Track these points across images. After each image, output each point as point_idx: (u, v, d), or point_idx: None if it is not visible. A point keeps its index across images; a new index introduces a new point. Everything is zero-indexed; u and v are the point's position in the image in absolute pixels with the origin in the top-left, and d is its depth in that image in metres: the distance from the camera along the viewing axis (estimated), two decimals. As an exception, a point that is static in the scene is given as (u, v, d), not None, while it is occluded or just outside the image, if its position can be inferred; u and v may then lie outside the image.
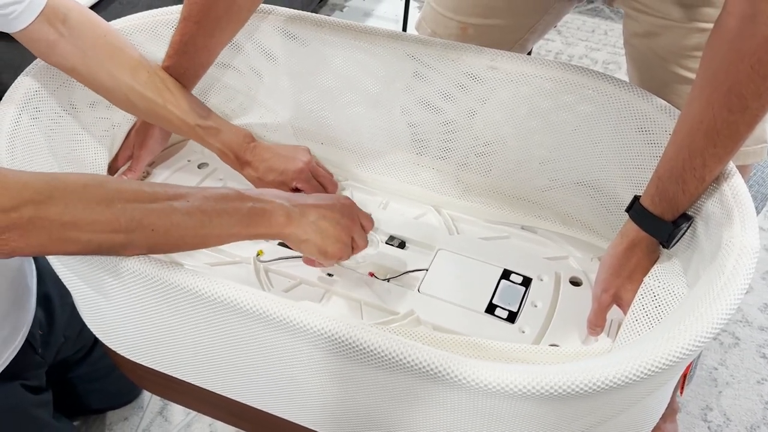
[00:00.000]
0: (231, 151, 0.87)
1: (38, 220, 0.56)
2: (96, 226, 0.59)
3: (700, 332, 0.56)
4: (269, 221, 0.70)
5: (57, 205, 0.57)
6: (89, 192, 0.59)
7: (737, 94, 0.61)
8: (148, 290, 0.66)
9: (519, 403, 0.55)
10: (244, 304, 0.61)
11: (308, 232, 0.73)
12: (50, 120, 0.86)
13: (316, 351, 0.62)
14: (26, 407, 1.07)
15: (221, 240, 0.68)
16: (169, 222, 0.63)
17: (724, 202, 0.67)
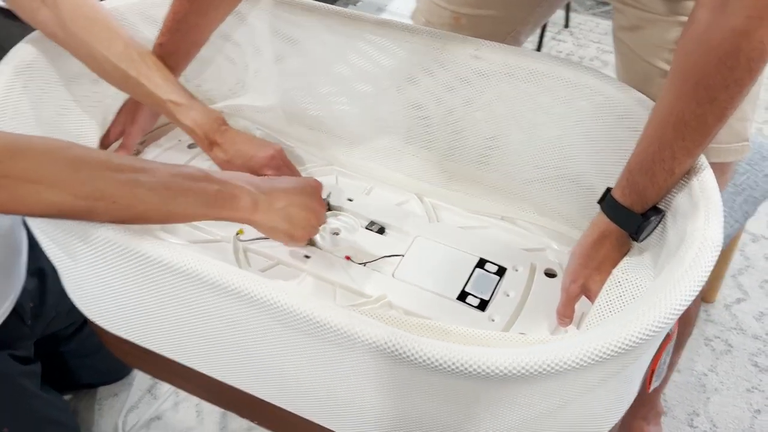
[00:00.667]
0: (201, 130, 0.86)
1: (2, 178, 0.58)
2: (58, 188, 0.60)
3: (652, 321, 0.56)
4: (235, 206, 0.71)
5: (20, 164, 0.59)
6: (54, 155, 0.61)
7: (705, 86, 0.61)
8: (120, 260, 0.68)
9: (460, 381, 0.55)
10: (203, 273, 0.62)
11: (275, 220, 0.74)
12: (41, 90, 0.87)
13: (275, 324, 0.63)
14: (14, 376, 1.09)
15: (185, 219, 0.68)
16: (132, 195, 0.64)
17: (692, 196, 0.67)
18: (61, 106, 0.91)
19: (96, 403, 1.33)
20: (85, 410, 1.32)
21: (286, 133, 1.03)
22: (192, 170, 0.69)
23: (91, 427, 1.29)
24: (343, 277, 0.84)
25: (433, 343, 0.55)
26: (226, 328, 0.70)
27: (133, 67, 0.84)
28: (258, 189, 0.73)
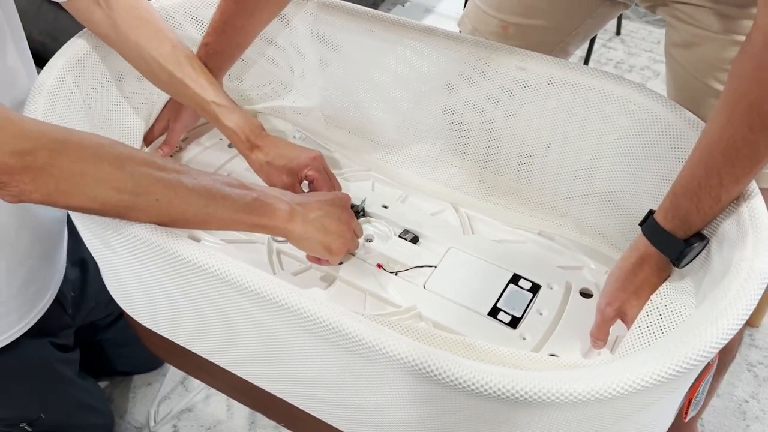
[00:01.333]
0: (242, 133, 0.86)
1: (50, 167, 0.59)
2: (103, 183, 0.61)
3: (691, 354, 0.54)
4: (272, 214, 0.71)
5: (69, 156, 0.60)
6: (102, 150, 0.62)
7: (759, 112, 0.59)
8: (153, 258, 0.68)
9: (487, 402, 0.54)
10: (232, 276, 0.62)
11: (310, 231, 0.74)
12: (90, 87, 0.89)
13: (302, 332, 0.63)
14: (53, 363, 1.11)
15: (223, 224, 0.69)
16: (174, 194, 0.65)
17: (740, 223, 0.64)
18: (109, 102, 0.93)
19: (130, 392, 1.36)
20: (119, 397, 1.35)
21: (325, 136, 1.03)
22: (229, 178, 0.69)
23: (124, 414, 1.32)
24: (373, 285, 0.83)
25: (460, 361, 0.54)
26: (255, 331, 0.70)
27: (180, 69, 0.86)
28: (293, 200, 0.73)
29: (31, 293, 1.00)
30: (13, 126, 0.59)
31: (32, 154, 0.59)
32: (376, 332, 0.57)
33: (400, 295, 0.82)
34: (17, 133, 0.59)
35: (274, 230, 0.73)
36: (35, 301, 1.02)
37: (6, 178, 0.58)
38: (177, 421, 1.30)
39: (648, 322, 0.68)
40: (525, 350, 0.75)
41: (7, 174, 0.58)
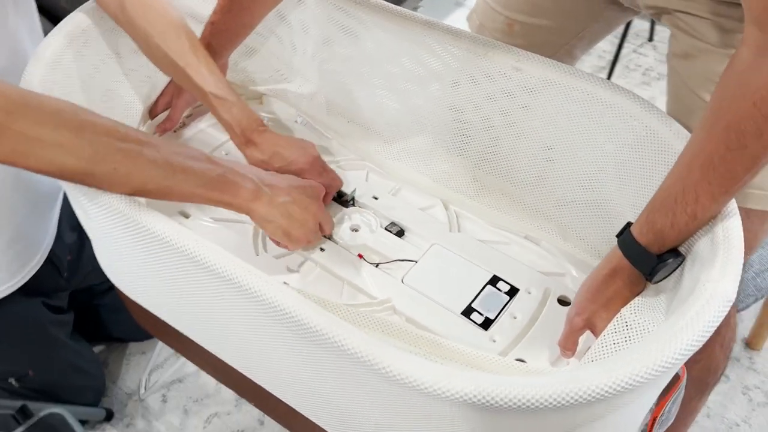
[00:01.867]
0: (239, 127, 0.85)
1: (6, 129, 0.59)
2: (60, 148, 0.61)
3: (639, 371, 0.53)
4: (236, 192, 0.71)
5: (27, 119, 0.60)
6: (61, 115, 0.62)
7: (737, 131, 0.57)
8: (125, 228, 0.70)
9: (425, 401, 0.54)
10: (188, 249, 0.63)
11: (274, 214, 0.74)
12: (95, 60, 0.91)
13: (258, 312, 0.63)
14: (44, 323, 1.15)
15: (183, 197, 0.69)
16: (133, 165, 0.65)
17: (714, 243, 0.63)
18: (112, 76, 0.94)
19: (125, 358, 1.39)
20: (113, 363, 1.38)
21: (325, 123, 1.04)
22: (196, 152, 0.70)
23: (117, 379, 1.35)
24: (352, 275, 0.84)
25: (398, 354, 0.54)
26: (218, 309, 0.71)
27: (182, 58, 0.85)
28: (261, 181, 0.73)
29: (20, 250, 1.02)
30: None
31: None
32: (322, 317, 0.57)
33: (377, 286, 0.82)
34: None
35: (237, 208, 0.73)
36: (25, 260, 1.04)
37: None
38: (166, 390, 1.33)
39: (614, 335, 0.67)
40: (493, 352, 0.75)
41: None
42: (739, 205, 0.75)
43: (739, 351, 1.34)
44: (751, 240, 0.79)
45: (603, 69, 2.01)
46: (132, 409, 1.31)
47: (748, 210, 0.77)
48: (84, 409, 1.23)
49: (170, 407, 1.30)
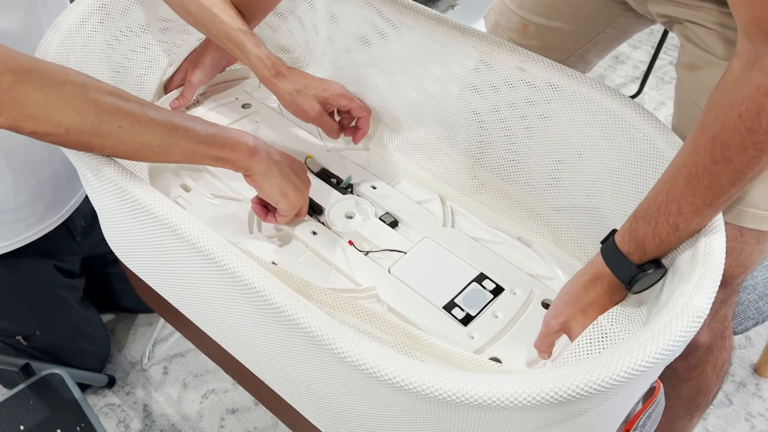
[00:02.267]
0: (269, 60, 0.86)
1: (14, 92, 0.61)
2: (67, 108, 0.63)
3: (595, 379, 0.52)
4: (235, 146, 0.73)
5: (34, 81, 0.62)
6: (67, 77, 0.65)
7: (722, 143, 0.56)
8: (119, 201, 0.72)
9: (382, 389, 0.55)
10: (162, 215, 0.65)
11: (272, 170, 0.76)
12: (110, 33, 0.93)
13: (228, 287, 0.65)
14: (54, 286, 1.18)
15: (186, 155, 0.71)
16: (137, 122, 0.67)
17: (694, 258, 0.62)
18: (129, 49, 0.96)
19: (132, 329, 1.42)
20: (120, 332, 1.41)
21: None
22: (194, 117, 0.72)
23: (122, 348, 1.38)
24: (341, 260, 0.84)
25: (358, 340, 0.54)
26: (201, 284, 0.73)
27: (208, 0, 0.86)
28: (257, 140, 0.75)
29: (40, 208, 1.06)
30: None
31: (1, 76, 0.61)
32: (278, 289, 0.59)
33: (363, 274, 0.83)
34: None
35: (237, 163, 0.74)
36: (44, 217, 1.08)
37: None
38: (168, 363, 1.36)
39: (589, 341, 0.67)
40: (470, 349, 0.75)
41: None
42: (733, 223, 0.75)
43: (746, 376, 1.31)
44: (745, 259, 0.78)
45: (636, 79, 1.97)
46: (134, 378, 1.34)
47: (743, 228, 0.75)
48: (87, 374, 1.27)
49: (170, 380, 1.33)
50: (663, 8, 0.79)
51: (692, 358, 0.88)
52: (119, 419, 1.28)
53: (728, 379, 1.30)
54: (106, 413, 1.28)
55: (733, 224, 0.75)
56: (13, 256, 1.09)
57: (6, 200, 1.01)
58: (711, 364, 0.90)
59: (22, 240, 1.06)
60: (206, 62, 1.01)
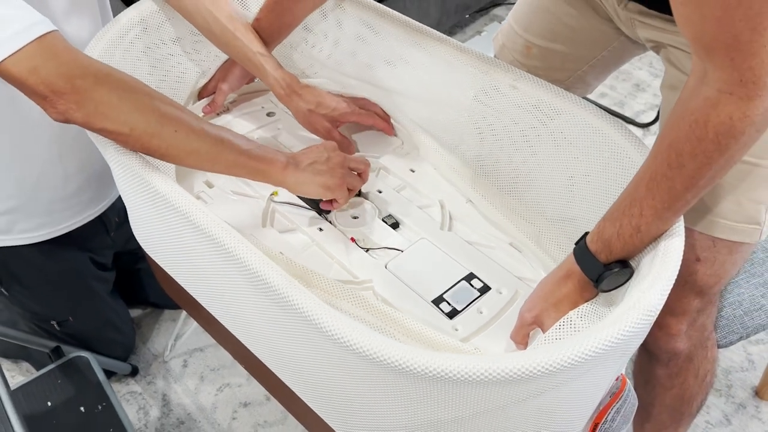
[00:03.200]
0: (285, 81, 0.97)
1: (92, 92, 0.73)
2: (135, 110, 0.75)
3: (551, 361, 0.58)
4: (271, 161, 0.83)
5: (110, 85, 0.74)
6: (137, 85, 0.77)
7: (676, 150, 0.62)
8: (140, 190, 0.80)
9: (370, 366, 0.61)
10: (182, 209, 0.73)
11: (304, 176, 0.85)
12: (146, 46, 1.03)
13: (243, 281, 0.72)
14: (87, 277, 1.28)
15: (228, 165, 0.81)
16: (190, 130, 0.78)
17: (654, 259, 0.67)
18: (163, 59, 1.06)
19: (156, 323, 1.51)
20: (146, 326, 1.50)
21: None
22: (237, 134, 0.83)
23: (146, 341, 1.47)
24: (342, 255, 0.91)
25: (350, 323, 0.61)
26: (221, 277, 0.80)
27: (231, 23, 0.98)
28: (287, 156, 0.85)
29: (84, 200, 1.17)
30: (68, 54, 0.74)
31: (81, 79, 0.73)
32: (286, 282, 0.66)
33: (362, 268, 0.90)
34: (70, 60, 0.74)
35: (272, 177, 0.84)
36: (86, 208, 1.19)
37: (55, 97, 0.73)
38: (188, 357, 1.44)
39: (558, 333, 0.72)
40: (454, 339, 0.80)
41: (56, 93, 0.73)
42: (706, 233, 0.80)
43: (746, 398, 1.33)
44: (719, 269, 0.82)
45: (655, 107, 2.01)
46: (155, 369, 1.42)
47: (715, 239, 0.80)
48: (112, 362, 1.35)
49: (189, 372, 1.41)
50: (649, 33, 0.85)
51: (673, 366, 0.92)
52: (139, 406, 1.36)
53: (729, 400, 1.32)
54: (127, 400, 1.37)
55: (706, 234, 0.80)
56: (56, 246, 1.19)
57: (57, 191, 1.13)
58: (693, 374, 0.94)
59: (67, 227, 1.18)
60: (235, 73, 1.11)
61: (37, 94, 0.73)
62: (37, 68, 0.71)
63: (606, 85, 2.05)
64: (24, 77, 0.72)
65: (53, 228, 1.16)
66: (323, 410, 0.82)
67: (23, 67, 0.71)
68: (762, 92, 0.56)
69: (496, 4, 2.35)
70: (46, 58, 0.72)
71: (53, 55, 0.73)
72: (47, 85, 0.72)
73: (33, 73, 0.71)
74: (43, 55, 0.72)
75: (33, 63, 0.72)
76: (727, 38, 0.54)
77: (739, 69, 0.55)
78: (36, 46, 0.72)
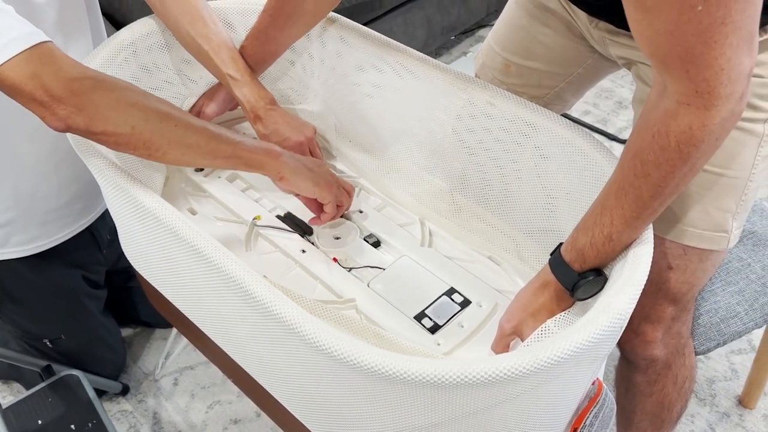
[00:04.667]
0: (249, 105, 1.00)
1: (92, 94, 0.75)
2: (134, 109, 0.77)
3: (515, 365, 0.60)
4: (267, 152, 0.86)
5: (108, 87, 0.76)
6: (131, 87, 0.79)
7: (641, 160, 0.65)
8: (128, 205, 0.82)
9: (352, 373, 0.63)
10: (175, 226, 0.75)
11: (300, 167, 0.88)
12: (136, 67, 1.05)
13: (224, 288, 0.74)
14: (79, 294, 1.29)
15: (226, 158, 0.83)
16: (188, 124, 0.80)
17: (624, 266, 0.70)
18: (152, 82, 1.08)
19: (147, 342, 1.52)
20: (137, 344, 1.51)
21: (332, 143, 1.15)
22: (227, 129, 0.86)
23: (137, 359, 1.48)
24: (325, 276, 0.93)
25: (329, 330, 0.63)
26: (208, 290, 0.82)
27: (207, 43, 0.99)
28: (278, 148, 0.89)
29: (77, 209, 1.20)
30: (65, 61, 0.76)
31: (79, 82, 0.75)
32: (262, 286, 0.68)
33: (345, 287, 0.92)
34: (67, 66, 0.75)
35: (268, 165, 0.86)
36: (78, 217, 1.21)
37: (55, 103, 0.74)
38: (179, 375, 1.45)
39: (537, 342, 0.74)
40: (434, 354, 0.82)
41: (56, 99, 0.74)
42: (677, 241, 0.82)
43: (730, 407, 1.34)
44: (690, 276, 0.85)
45: (639, 124, 2.04)
46: (146, 387, 1.43)
47: (685, 246, 0.82)
48: (103, 380, 1.36)
49: (180, 390, 1.42)
50: (620, 51, 0.88)
51: (651, 373, 0.94)
52: (130, 425, 1.37)
53: (713, 409, 1.34)
54: (118, 418, 1.37)
55: (677, 242, 0.82)
56: (47, 262, 1.21)
57: (51, 202, 1.15)
58: (671, 380, 0.96)
59: (59, 238, 1.19)
60: (220, 97, 1.13)
61: (36, 101, 0.74)
62: (36, 74, 0.73)
63: (589, 102, 2.09)
64: (22, 83, 0.73)
65: (46, 240, 1.18)
66: (313, 423, 0.83)
67: (22, 74, 0.72)
68: (717, 102, 0.59)
69: (481, 25, 2.40)
70: (44, 64, 0.73)
71: (51, 61, 0.74)
72: (46, 90, 0.73)
73: (32, 79, 0.72)
74: (41, 61, 0.73)
75: (31, 69, 0.73)
76: (681, 52, 0.57)
77: (695, 81, 0.58)
78: (33, 52, 0.73)
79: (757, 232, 1.11)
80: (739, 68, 0.58)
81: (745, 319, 1.02)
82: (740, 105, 0.61)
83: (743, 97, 0.61)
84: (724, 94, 0.59)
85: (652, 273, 0.71)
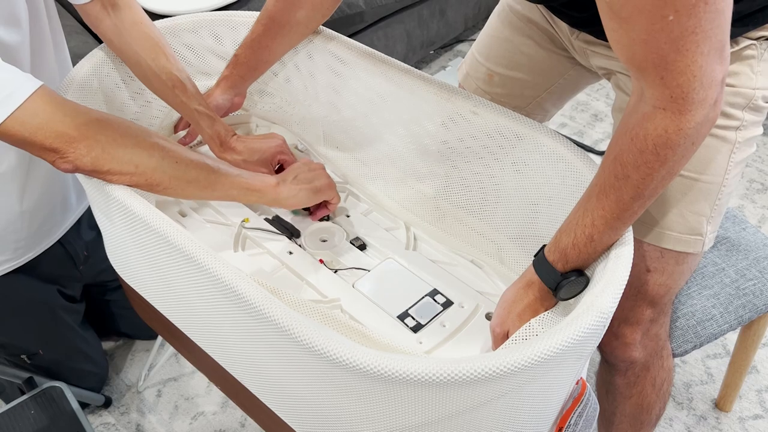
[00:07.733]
0: (218, 137, 1.01)
1: (98, 134, 0.77)
2: (137, 147, 0.80)
3: (499, 364, 0.62)
4: (263, 181, 0.90)
5: (111, 127, 0.79)
6: (132, 125, 0.82)
7: (621, 162, 0.67)
8: (120, 215, 0.83)
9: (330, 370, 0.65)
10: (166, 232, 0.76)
11: (293, 188, 0.92)
12: (117, 81, 1.06)
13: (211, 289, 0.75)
14: (55, 308, 1.28)
15: (225, 190, 0.86)
16: (189, 160, 0.83)
17: (605, 266, 0.72)
18: (131, 99, 1.10)
19: (130, 354, 1.51)
20: (119, 357, 1.50)
21: (320, 151, 1.16)
22: (223, 162, 0.91)
23: (120, 371, 1.47)
24: (312, 277, 0.95)
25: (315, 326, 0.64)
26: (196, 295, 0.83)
27: (170, 78, 0.99)
28: (272, 176, 0.93)
29: (46, 230, 1.18)
30: (67, 103, 0.78)
31: (85, 125, 0.77)
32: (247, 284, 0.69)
33: (331, 288, 0.93)
34: (71, 108, 0.78)
35: (266, 196, 0.90)
36: (48, 233, 1.19)
37: (67, 146, 0.76)
38: (162, 386, 1.44)
39: (521, 341, 0.75)
40: (416, 352, 0.84)
41: (68, 143, 0.76)
42: (654, 244, 0.85)
43: (707, 410, 1.37)
44: (668, 279, 0.87)
45: (615, 136, 2.09)
46: (129, 399, 1.42)
47: (663, 249, 0.85)
48: (85, 393, 1.35)
49: (163, 402, 1.42)
50: (600, 62, 0.91)
51: (630, 375, 0.97)
52: (113, 437, 1.36)
53: (690, 412, 1.37)
54: (101, 431, 1.36)
55: (655, 245, 0.85)
56: (22, 277, 1.19)
57: (19, 233, 1.13)
58: (650, 382, 0.98)
59: (29, 256, 1.17)
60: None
61: (47, 149, 0.76)
62: (46, 123, 0.75)
63: (566, 115, 2.13)
64: (31, 134, 0.75)
65: (16, 261, 1.16)
66: (300, 426, 0.84)
67: (30, 125, 0.74)
68: (691, 107, 0.61)
69: (460, 40, 2.44)
70: (52, 111, 0.75)
71: (57, 106, 0.76)
72: (59, 135, 0.75)
73: (41, 129, 0.75)
74: (47, 108, 0.75)
75: (38, 119, 0.74)
76: (655, 59, 0.60)
77: (670, 87, 0.61)
78: (36, 101, 0.74)
79: (731, 238, 1.15)
80: (711, 75, 0.61)
81: (720, 321, 1.05)
82: (714, 111, 0.64)
83: (717, 103, 0.63)
84: (697, 99, 0.62)
85: (631, 276, 0.73)
